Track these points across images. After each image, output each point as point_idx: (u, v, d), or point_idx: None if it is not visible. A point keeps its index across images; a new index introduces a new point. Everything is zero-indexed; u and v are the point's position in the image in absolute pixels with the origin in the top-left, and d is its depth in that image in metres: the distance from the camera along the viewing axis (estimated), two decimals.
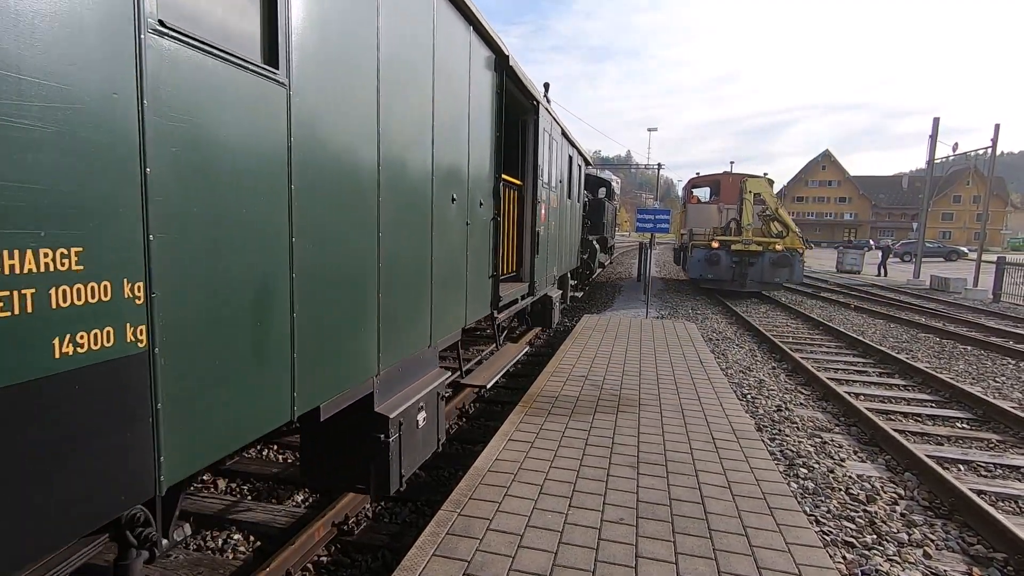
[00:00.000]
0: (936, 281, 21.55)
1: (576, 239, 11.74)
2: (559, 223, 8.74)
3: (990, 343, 10.31)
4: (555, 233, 8.41)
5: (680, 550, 2.96)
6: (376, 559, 3.48)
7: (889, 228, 77.25)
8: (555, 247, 8.45)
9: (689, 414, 5.17)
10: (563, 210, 9.14)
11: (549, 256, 7.86)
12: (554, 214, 8.17)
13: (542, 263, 7.27)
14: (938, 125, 23.68)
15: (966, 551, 3.72)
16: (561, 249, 9.21)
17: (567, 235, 9.89)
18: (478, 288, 5.07)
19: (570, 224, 10.25)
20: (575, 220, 11.16)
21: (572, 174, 10.01)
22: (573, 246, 11.14)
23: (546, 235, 7.54)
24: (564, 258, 9.65)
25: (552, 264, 8.16)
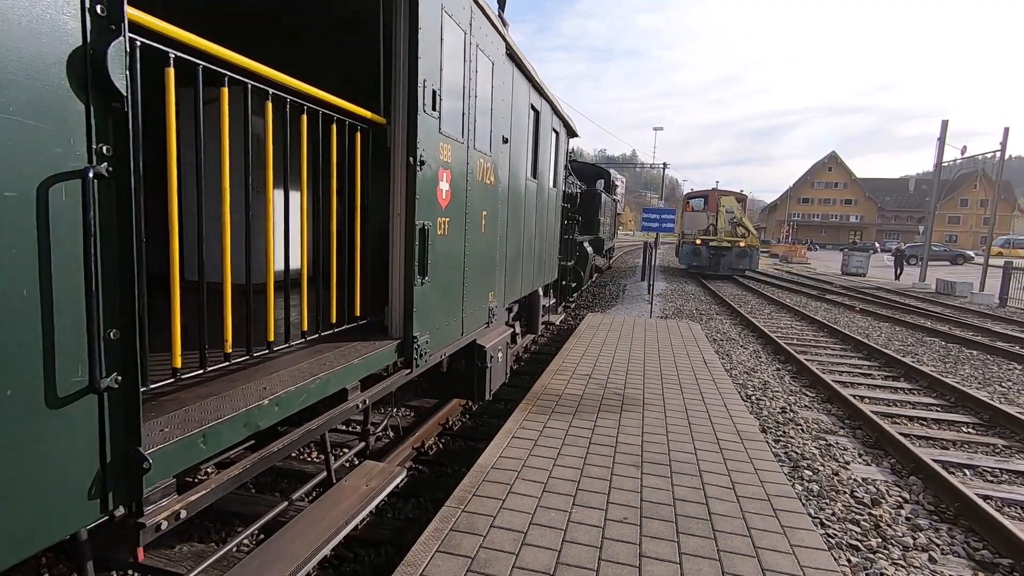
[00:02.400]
0: (942, 285, 21.45)
1: (553, 241, 8.35)
2: (514, 217, 5.63)
3: (996, 347, 10.25)
4: (499, 234, 5.10)
5: (684, 550, 2.95)
6: (379, 555, 3.48)
7: (895, 231, 76.92)
8: (499, 259, 5.18)
9: (693, 415, 5.15)
10: (520, 195, 5.81)
11: (479, 278, 4.57)
12: (492, 198, 4.76)
13: (446, 295, 3.93)
14: (947, 128, 23.54)
15: (971, 556, 3.70)
16: (519, 261, 6.05)
17: (532, 237, 6.61)
18: None
19: (539, 220, 6.94)
20: (549, 214, 7.74)
21: (541, 141, 6.66)
22: (546, 252, 7.74)
23: (464, 237, 4.16)
24: (527, 274, 6.52)
25: (491, 288, 4.96)
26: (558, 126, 7.94)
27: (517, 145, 5.52)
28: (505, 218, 5.26)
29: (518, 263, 5.98)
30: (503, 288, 5.41)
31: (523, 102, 5.73)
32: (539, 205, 6.93)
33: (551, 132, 7.39)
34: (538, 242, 7.07)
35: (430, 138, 3.38)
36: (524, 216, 6.10)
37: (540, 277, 7.48)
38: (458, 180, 3.88)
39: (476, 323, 4.56)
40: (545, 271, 7.84)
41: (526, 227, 6.24)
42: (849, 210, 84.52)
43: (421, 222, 3.30)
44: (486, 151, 4.49)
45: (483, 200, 4.48)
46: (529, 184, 6.21)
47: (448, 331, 3.97)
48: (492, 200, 4.75)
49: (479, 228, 4.44)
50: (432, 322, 3.62)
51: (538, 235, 7.03)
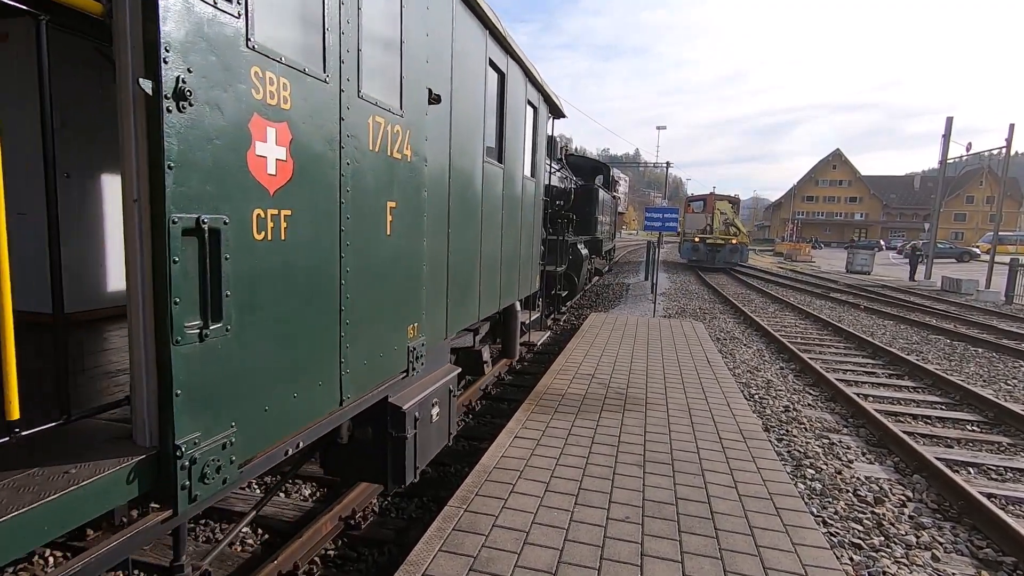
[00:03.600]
0: (948, 282, 21.35)
1: (533, 244, 6.74)
2: (462, 213, 4.12)
3: (1002, 345, 10.20)
4: (430, 235, 3.52)
5: (686, 549, 2.96)
6: (383, 554, 3.51)
7: (900, 229, 76.57)
8: (431, 273, 3.61)
9: (696, 413, 5.16)
10: (472, 184, 4.36)
11: (382, 305, 3.01)
12: (409, 182, 3.15)
13: (288, 347, 2.29)
14: (951, 125, 23.42)
15: (975, 555, 3.69)
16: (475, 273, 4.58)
17: (499, 240, 5.19)
18: None
19: (509, 218, 5.44)
20: (526, 211, 6.18)
21: (510, 114, 5.20)
22: (523, 258, 6.23)
23: (337, 244, 2.54)
24: (491, 287, 5.03)
25: (412, 319, 3.34)
26: (535, 99, 6.32)
27: (464, 112, 3.97)
28: (444, 213, 3.69)
29: (472, 275, 4.42)
30: (442, 314, 3.82)
31: (475, 53, 4.13)
32: (509, 198, 5.39)
33: (525, 105, 5.81)
34: (509, 246, 5.51)
35: (219, 48, 1.78)
36: (483, 212, 4.55)
37: (513, 290, 5.94)
38: (314, 145, 2.25)
39: (382, 373, 2.96)
40: (521, 282, 6.24)
41: (487, 227, 4.72)
42: (854, 208, 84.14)
43: (197, 215, 1.75)
44: (391, 107, 2.84)
45: (387, 184, 2.84)
46: (490, 170, 4.67)
47: (301, 406, 2.32)
48: (409, 185, 3.07)
49: (379, 228, 2.79)
50: (248, 403, 2.03)
51: (509, 237, 5.47)
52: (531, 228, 6.68)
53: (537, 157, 6.75)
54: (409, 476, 3.33)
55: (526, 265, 6.52)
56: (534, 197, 6.72)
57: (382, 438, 3.22)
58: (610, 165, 18.17)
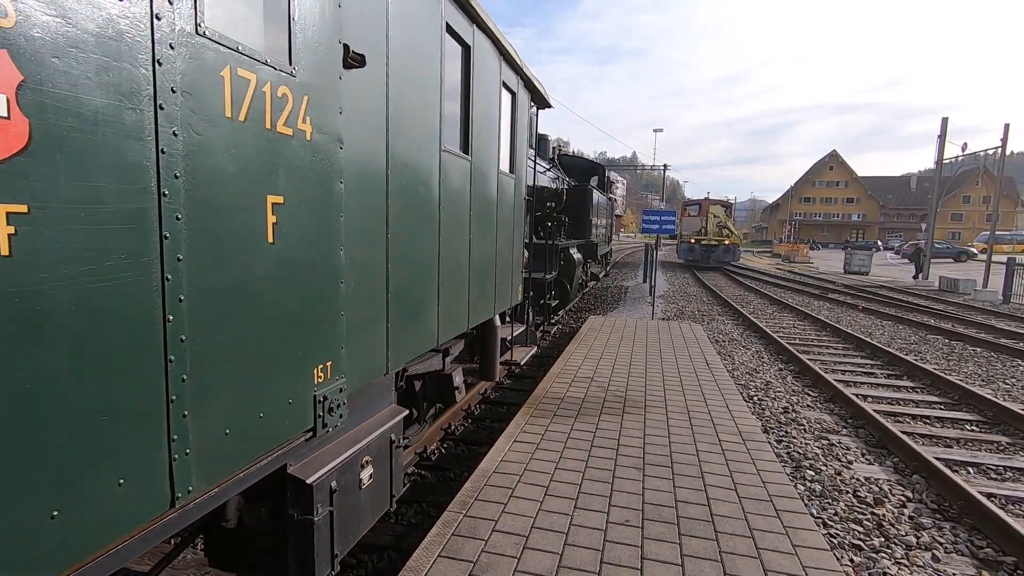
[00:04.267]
0: (945, 282, 21.39)
1: (513, 250, 5.84)
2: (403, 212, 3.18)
3: (1000, 345, 10.21)
4: (348, 243, 2.56)
5: (686, 552, 2.95)
6: (382, 559, 3.50)
7: (898, 229, 76.76)
8: (354, 294, 2.66)
9: (695, 416, 5.15)
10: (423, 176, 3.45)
11: (255, 345, 2.02)
12: (312, 170, 2.26)
13: None
14: (947, 125, 23.51)
15: (975, 555, 3.69)
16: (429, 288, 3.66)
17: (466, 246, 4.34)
18: None
19: (481, 220, 4.67)
20: (503, 211, 5.37)
21: (479, 96, 4.44)
22: (501, 266, 5.40)
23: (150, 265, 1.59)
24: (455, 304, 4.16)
25: (323, 357, 2.40)
26: (514, 83, 5.50)
27: (410, 86, 3.10)
28: (379, 213, 2.83)
29: (428, 291, 3.53)
30: (379, 343, 2.92)
31: (426, 14, 3.35)
32: (479, 196, 4.54)
33: (499, 89, 4.99)
34: (481, 252, 4.70)
35: None
36: (441, 212, 3.66)
37: (489, 303, 5.06)
38: (89, 98, 1.39)
39: (266, 439, 2.09)
40: (500, 293, 5.36)
41: (449, 230, 3.83)
42: (851, 208, 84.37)
43: None
44: (271, 59, 2.01)
45: (266, 171, 2.01)
46: (452, 162, 3.85)
47: (73, 529, 1.40)
48: (309, 174, 2.22)
49: (251, 233, 1.96)
50: None
51: (481, 242, 4.66)
52: (510, 231, 5.71)
53: (517, 151, 5.86)
54: (323, 571, 2.42)
55: (505, 274, 5.55)
56: (514, 196, 5.80)
57: (280, 522, 2.39)
58: (606, 167, 17.18)
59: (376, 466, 2.93)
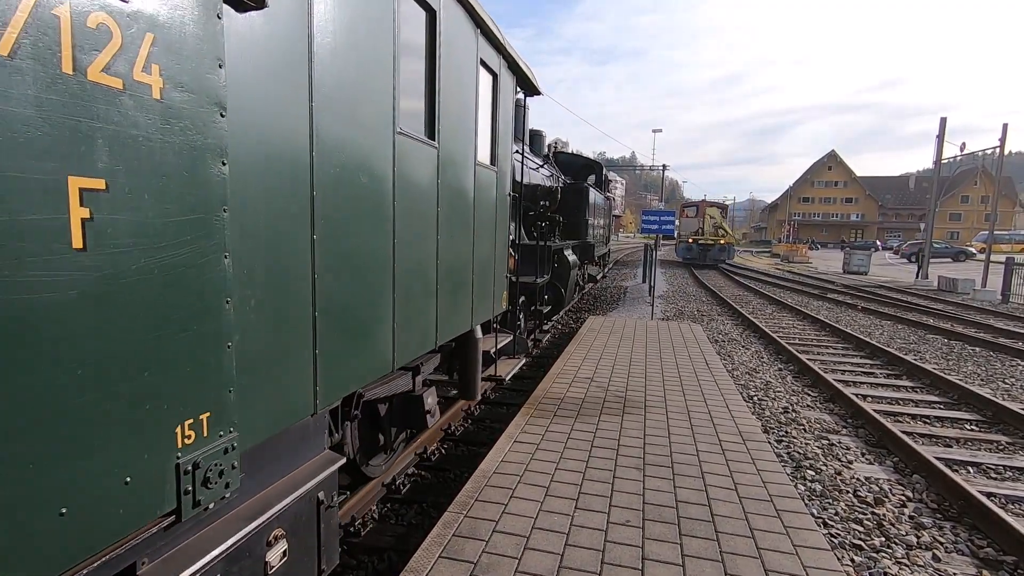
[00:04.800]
0: (944, 282, 21.42)
1: (494, 253, 5.23)
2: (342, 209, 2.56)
3: (999, 344, 10.22)
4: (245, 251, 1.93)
5: (687, 552, 2.95)
6: (383, 560, 3.49)
7: (896, 229, 76.85)
8: (246, 318, 1.95)
9: (695, 416, 5.15)
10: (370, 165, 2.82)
11: None
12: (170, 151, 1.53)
13: None
14: (945, 125, 23.54)
15: (976, 554, 3.69)
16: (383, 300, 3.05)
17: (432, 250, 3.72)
18: None
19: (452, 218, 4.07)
20: (482, 209, 4.77)
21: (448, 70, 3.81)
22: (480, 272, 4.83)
23: None
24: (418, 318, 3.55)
25: (182, 415, 1.64)
26: (495, 63, 4.87)
27: (347, 48, 2.52)
28: (299, 207, 2.24)
29: (378, 304, 2.96)
30: (303, 376, 2.33)
31: None
32: (449, 190, 3.90)
33: (476, 68, 4.38)
34: (455, 255, 4.12)
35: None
36: (394, 208, 3.05)
37: (465, 314, 4.46)
38: None
39: (94, 538, 1.39)
40: (479, 302, 4.79)
41: (407, 229, 3.22)
42: (850, 208, 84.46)
43: None
44: None
45: (66, 143, 1.27)
46: (410, 147, 3.21)
47: None
48: (155, 149, 1.49)
49: (53, 238, 1.25)
50: None
51: (453, 243, 4.06)
52: (491, 231, 5.07)
53: (500, 140, 5.15)
54: None
55: (485, 280, 4.97)
56: (496, 192, 5.14)
57: None
58: (603, 165, 16.34)
59: (294, 539, 2.32)
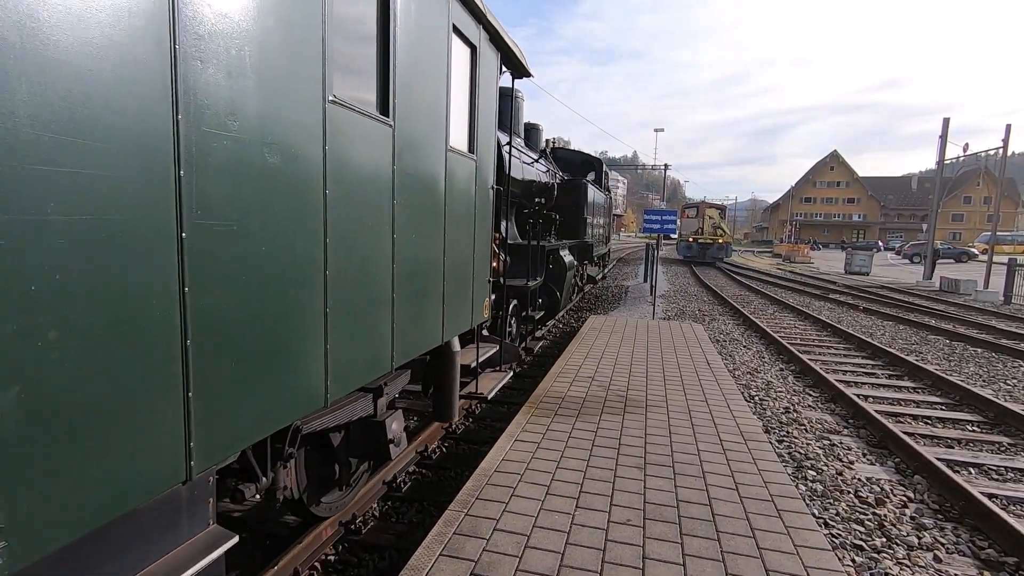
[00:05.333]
0: (946, 283, 21.38)
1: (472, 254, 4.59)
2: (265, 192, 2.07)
3: (1001, 345, 10.20)
4: None
5: (688, 552, 2.95)
6: (383, 559, 3.49)
7: (898, 229, 76.73)
8: None
9: (696, 415, 5.15)
10: (271, 132, 2.07)
11: None
12: None
13: None
14: (948, 126, 23.49)
15: (977, 555, 3.68)
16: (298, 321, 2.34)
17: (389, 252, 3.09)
18: None
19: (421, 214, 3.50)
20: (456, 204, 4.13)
21: (399, 28, 3.04)
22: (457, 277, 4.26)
23: None
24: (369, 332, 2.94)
25: None
26: (474, 35, 4.29)
27: None
28: (151, 198, 1.60)
29: (297, 327, 2.33)
30: (171, 431, 1.71)
31: None
32: (411, 180, 3.28)
33: (448, 36, 3.78)
34: (415, 258, 3.41)
35: None
36: (325, 199, 2.45)
37: (432, 328, 3.81)
38: None
39: None
40: (453, 311, 4.17)
41: (342, 226, 2.59)
42: (852, 209, 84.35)
43: None
44: None
45: None
46: (350, 122, 2.62)
47: None
48: None
49: None
50: None
51: (416, 244, 3.40)
52: (469, 229, 4.42)
53: (480, 125, 4.50)
54: None
55: (461, 285, 4.32)
56: (475, 184, 4.48)
57: None
58: (603, 161, 15.57)
59: None
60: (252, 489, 2.54)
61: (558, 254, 9.56)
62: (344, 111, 2.56)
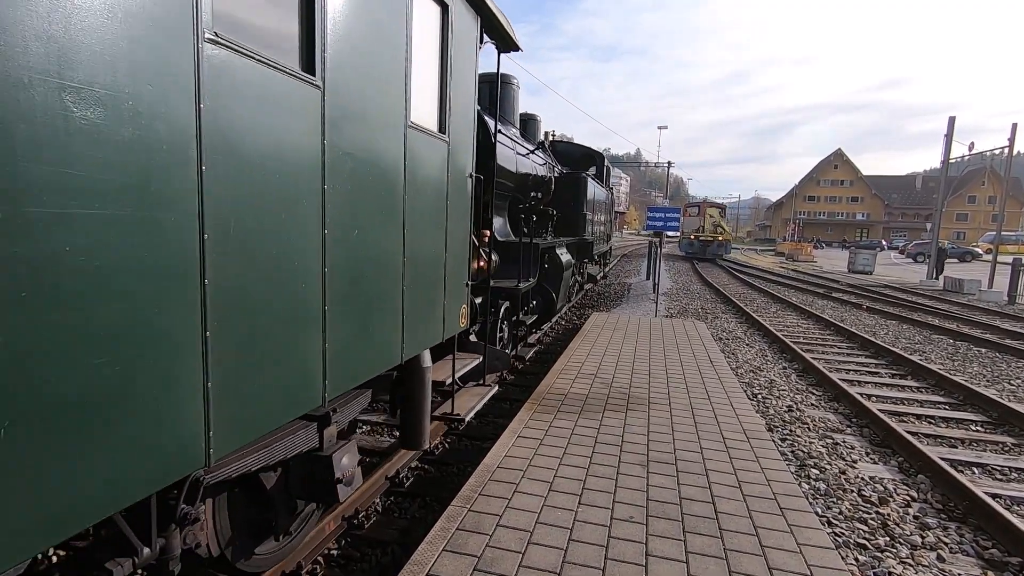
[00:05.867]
0: (950, 282, 21.31)
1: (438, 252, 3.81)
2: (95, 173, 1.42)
3: (1005, 345, 10.17)
4: None
5: (690, 549, 2.95)
6: (386, 554, 3.50)
7: (902, 228, 76.47)
8: None
9: (699, 413, 5.14)
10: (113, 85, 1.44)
11: None
12: None
13: None
14: (953, 125, 23.38)
15: (980, 555, 3.67)
16: None
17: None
18: None
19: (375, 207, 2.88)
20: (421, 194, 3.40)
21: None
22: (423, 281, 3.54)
23: None
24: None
25: None
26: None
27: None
28: None
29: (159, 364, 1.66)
30: None
31: None
32: (350, 157, 2.63)
33: None
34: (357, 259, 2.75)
35: None
36: (201, 177, 1.76)
37: (387, 347, 3.15)
38: None
39: None
40: (420, 321, 3.52)
41: (228, 215, 1.89)
42: (855, 208, 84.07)
43: None
44: None
45: None
46: (251, 76, 1.97)
47: None
48: None
49: None
50: None
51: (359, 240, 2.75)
52: (438, 223, 3.74)
53: (453, 100, 3.84)
54: None
55: (428, 292, 3.63)
56: (447, 169, 3.83)
57: None
58: (604, 155, 14.69)
59: None
60: (125, 567, 1.91)
61: (554, 252, 8.90)
62: (237, 58, 1.89)
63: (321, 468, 2.84)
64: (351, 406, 3.21)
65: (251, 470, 2.40)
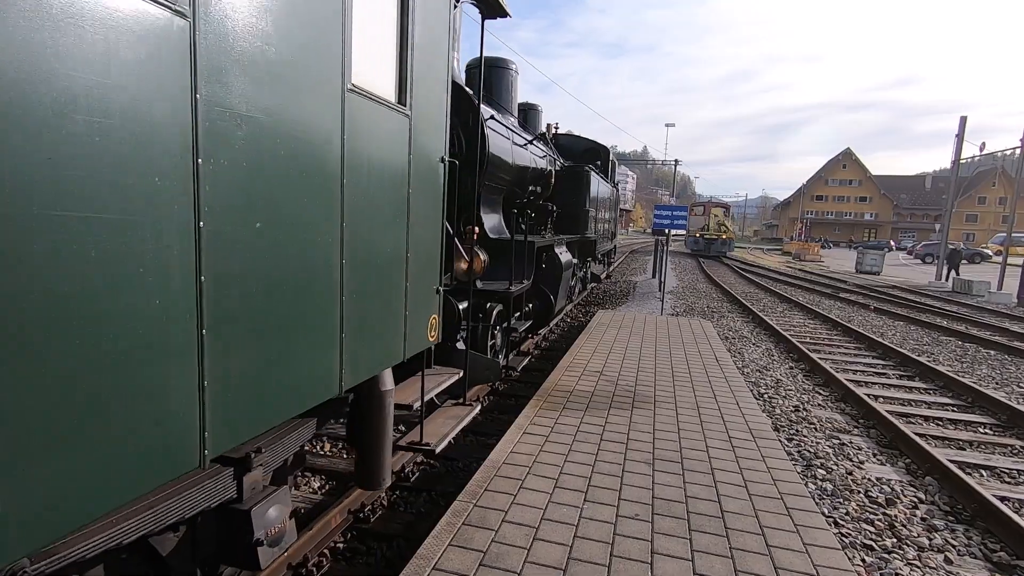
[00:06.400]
0: (959, 283, 21.15)
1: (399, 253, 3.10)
2: None
3: (1014, 348, 10.08)
4: None
5: (696, 547, 2.94)
6: (391, 548, 3.51)
7: (911, 229, 75.90)
8: None
9: (705, 412, 5.13)
10: None
11: None
12: None
13: None
14: (965, 124, 23.16)
15: (988, 558, 3.65)
16: None
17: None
18: None
19: (304, 190, 2.19)
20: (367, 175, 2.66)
21: None
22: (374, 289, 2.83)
23: None
24: None
25: None
26: None
27: None
28: None
29: None
30: None
31: None
32: (263, 131, 1.95)
33: None
34: (271, 262, 2.05)
35: None
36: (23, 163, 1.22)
37: (320, 378, 2.44)
38: None
39: None
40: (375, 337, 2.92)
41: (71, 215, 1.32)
42: (864, 208, 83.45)
43: None
44: None
45: None
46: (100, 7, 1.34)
47: None
48: None
49: None
50: None
51: (284, 241, 2.11)
52: (397, 216, 3.08)
53: (414, 63, 3.12)
54: None
55: (382, 300, 2.98)
56: (408, 148, 3.15)
57: None
58: (610, 150, 13.70)
59: None
60: None
61: (553, 251, 8.13)
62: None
63: (237, 526, 2.24)
64: (284, 442, 2.55)
65: (122, 543, 1.78)
